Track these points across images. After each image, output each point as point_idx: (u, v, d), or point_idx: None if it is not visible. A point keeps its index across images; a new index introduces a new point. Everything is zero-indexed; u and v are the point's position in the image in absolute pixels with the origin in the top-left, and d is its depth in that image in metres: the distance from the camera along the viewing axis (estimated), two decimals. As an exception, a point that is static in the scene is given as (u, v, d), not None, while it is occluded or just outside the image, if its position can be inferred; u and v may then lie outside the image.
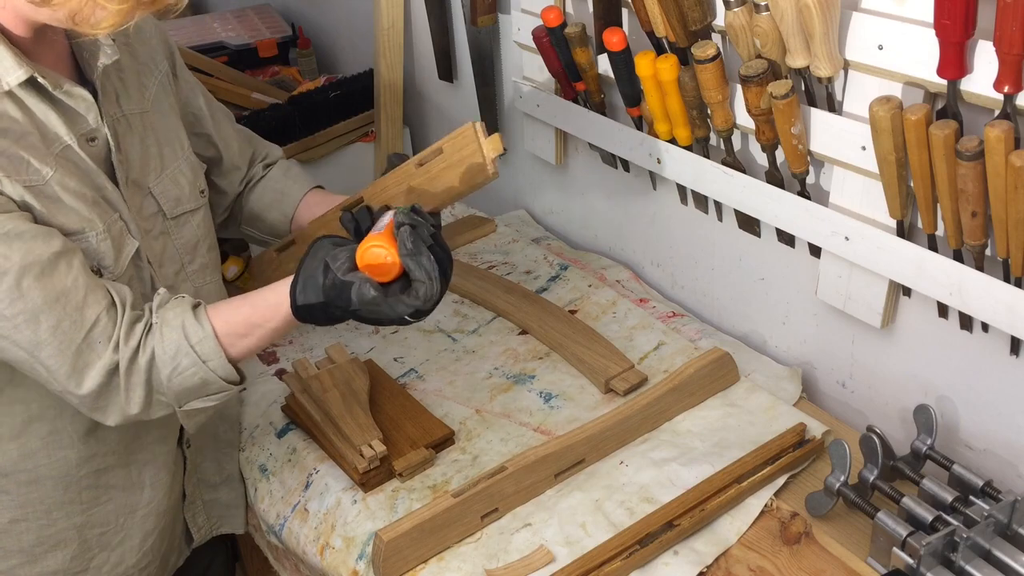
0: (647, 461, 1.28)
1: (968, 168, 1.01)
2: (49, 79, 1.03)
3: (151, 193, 1.18)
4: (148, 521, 1.26)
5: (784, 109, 1.18)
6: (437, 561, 1.18)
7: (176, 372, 1.05)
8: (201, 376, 1.06)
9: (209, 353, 1.06)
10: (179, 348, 1.05)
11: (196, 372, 1.06)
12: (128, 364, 1.04)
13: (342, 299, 1.01)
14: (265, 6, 2.82)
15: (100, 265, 1.08)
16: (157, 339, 1.05)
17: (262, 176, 1.41)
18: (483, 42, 1.82)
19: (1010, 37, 0.94)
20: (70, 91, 1.06)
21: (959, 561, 1.04)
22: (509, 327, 1.58)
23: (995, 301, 1.08)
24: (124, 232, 1.12)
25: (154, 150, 1.19)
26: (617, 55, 1.39)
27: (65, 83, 1.06)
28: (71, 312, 1.01)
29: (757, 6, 1.15)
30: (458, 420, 1.39)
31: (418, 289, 1.00)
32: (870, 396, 1.38)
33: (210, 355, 1.06)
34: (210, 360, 1.06)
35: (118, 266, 1.10)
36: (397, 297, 1.00)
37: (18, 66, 1.00)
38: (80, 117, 1.08)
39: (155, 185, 1.19)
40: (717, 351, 1.40)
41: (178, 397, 1.08)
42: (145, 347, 1.05)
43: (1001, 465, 1.23)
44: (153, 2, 0.97)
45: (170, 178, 1.21)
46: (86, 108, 1.08)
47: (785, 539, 1.17)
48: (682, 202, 1.54)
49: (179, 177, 1.22)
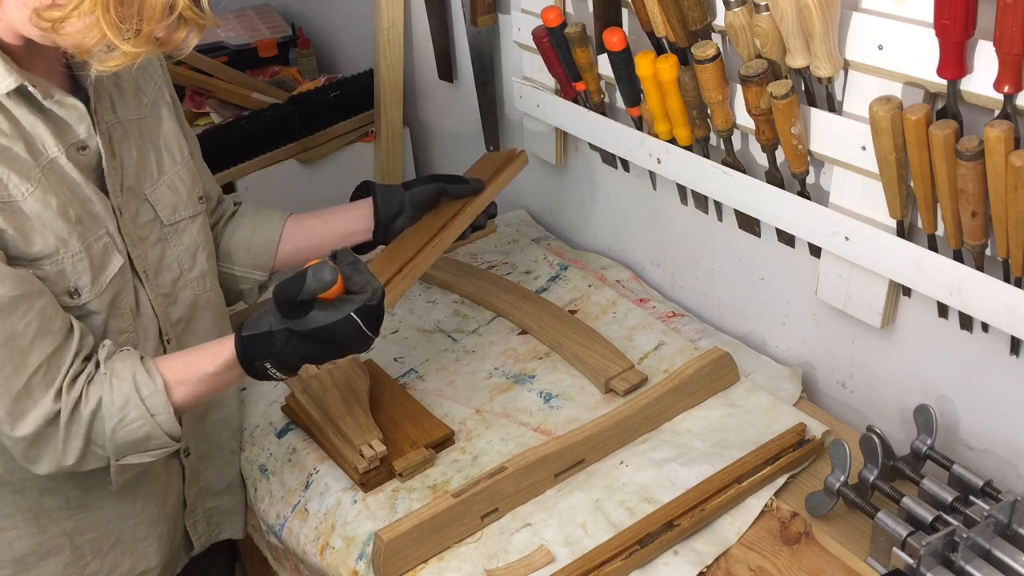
0: (647, 461, 1.28)
1: (968, 168, 1.01)
2: (40, 88, 1.02)
3: (147, 200, 1.17)
4: (139, 529, 1.25)
5: (784, 109, 1.18)
6: (437, 561, 1.18)
7: (122, 424, 1.04)
8: (147, 430, 1.06)
9: (158, 407, 1.05)
10: (128, 400, 1.04)
11: (142, 425, 1.05)
12: (69, 414, 1.03)
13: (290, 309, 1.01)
14: (265, 6, 2.82)
15: (76, 286, 1.07)
16: (106, 389, 1.04)
17: (233, 212, 1.38)
18: (483, 42, 1.82)
19: (1010, 37, 0.94)
20: (61, 100, 1.04)
21: (959, 561, 1.04)
22: (509, 327, 1.58)
23: (995, 301, 1.08)
24: (109, 249, 1.10)
25: (151, 156, 1.18)
26: (617, 55, 1.39)
27: (56, 92, 1.04)
28: (15, 357, 0.99)
29: (757, 6, 1.15)
30: (458, 420, 1.39)
31: (364, 289, 1.03)
32: (870, 396, 1.38)
33: (159, 409, 1.05)
34: (158, 414, 1.05)
35: (96, 286, 1.08)
36: (345, 299, 1.03)
37: (8, 74, 0.99)
38: (69, 127, 1.06)
39: (151, 192, 1.17)
40: (717, 351, 1.40)
41: (118, 450, 1.06)
42: (89, 397, 1.03)
43: (1001, 465, 1.23)
44: (163, 44, 0.97)
45: (167, 184, 1.19)
46: (77, 118, 1.06)
47: (785, 539, 1.17)
48: (682, 202, 1.54)
49: (177, 183, 1.20)
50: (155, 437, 1.07)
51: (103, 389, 1.04)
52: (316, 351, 1.04)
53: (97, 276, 1.08)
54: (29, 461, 1.05)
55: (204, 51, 2.51)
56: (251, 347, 1.04)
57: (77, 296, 1.07)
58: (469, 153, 2.08)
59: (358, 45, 2.46)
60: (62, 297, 1.06)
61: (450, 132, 2.16)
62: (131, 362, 1.06)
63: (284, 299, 1.02)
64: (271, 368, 1.05)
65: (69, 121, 1.06)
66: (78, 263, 1.06)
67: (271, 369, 1.06)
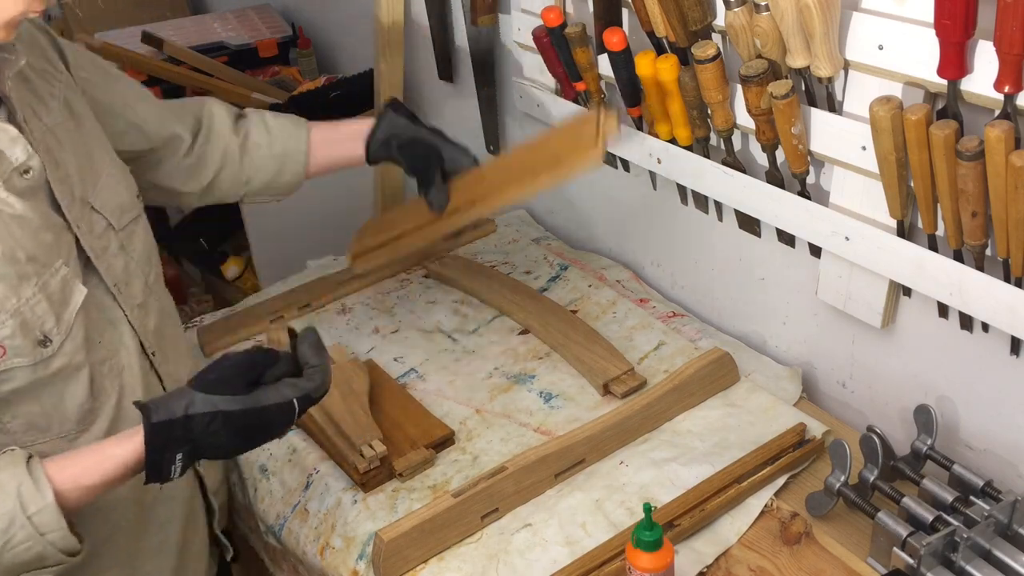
0: (647, 461, 1.28)
1: (968, 168, 1.01)
2: None
3: (94, 208, 1.08)
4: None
5: (784, 109, 1.18)
6: (437, 561, 1.17)
7: (8, 547, 0.90)
8: (37, 551, 0.92)
9: (48, 524, 0.91)
10: (13, 519, 0.90)
11: (31, 547, 0.91)
12: None
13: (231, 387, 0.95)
14: (265, 6, 2.83)
15: (43, 333, 0.97)
16: None
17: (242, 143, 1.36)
18: (483, 42, 1.82)
19: (1010, 37, 0.94)
20: None
21: (959, 561, 1.04)
22: (509, 327, 1.58)
23: (995, 301, 1.08)
24: (68, 281, 1.01)
25: (85, 160, 1.09)
26: (617, 55, 1.39)
27: None
28: None
29: (757, 6, 1.15)
30: (458, 420, 1.39)
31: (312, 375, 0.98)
32: (870, 396, 1.38)
33: (49, 526, 0.91)
34: (49, 532, 0.91)
35: (63, 324, 0.99)
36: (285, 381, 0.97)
37: None
38: (3, 155, 0.96)
39: (95, 198, 1.08)
40: (717, 351, 1.40)
41: (7, 573, 0.93)
42: None
43: (1001, 465, 1.23)
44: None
45: (107, 187, 1.11)
46: (11, 141, 0.96)
47: (785, 539, 1.17)
48: (682, 202, 1.54)
49: (115, 184, 1.12)
50: (48, 557, 0.93)
51: None
52: (241, 436, 0.96)
53: (61, 314, 0.99)
54: None
55: (204, 51, 2.51)
56: (164, 434, 0.93)
57: (48, 343, 0.98)
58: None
59: (358, 45, 2.46)
60: (34, 352, 0.97)
61: (450, 132, 2.15)
62: (15, 471, 0.92)
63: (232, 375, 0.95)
64: (178, 461, 0.95)
65: (1, 147, 0.96)
66: (36, 307, 0.97)
67: (177, 463, 0.95)
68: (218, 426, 0.94)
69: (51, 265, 0.99)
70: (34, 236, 0.98)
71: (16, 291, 0.95)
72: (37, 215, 0.99)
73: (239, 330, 1.61)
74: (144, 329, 1.14)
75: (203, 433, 0.94)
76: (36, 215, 0.99)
